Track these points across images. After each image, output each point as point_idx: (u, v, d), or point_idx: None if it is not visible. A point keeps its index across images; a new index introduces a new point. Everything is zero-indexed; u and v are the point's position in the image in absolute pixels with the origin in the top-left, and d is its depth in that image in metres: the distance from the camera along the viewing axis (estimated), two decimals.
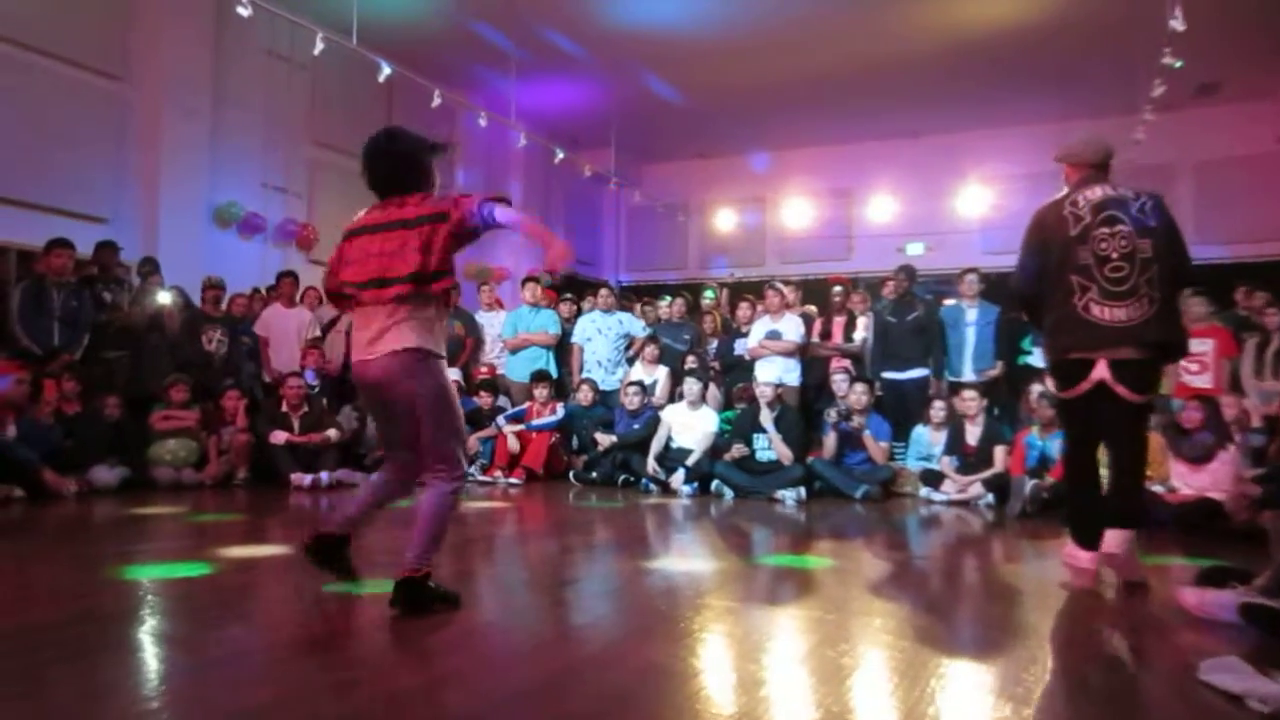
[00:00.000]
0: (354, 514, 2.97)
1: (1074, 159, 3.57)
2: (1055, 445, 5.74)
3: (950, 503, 6.13)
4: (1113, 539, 3.33)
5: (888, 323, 7.30)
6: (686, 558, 4.19)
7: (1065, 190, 3.55)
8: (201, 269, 7.57)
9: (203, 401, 6.73)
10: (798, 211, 12.74)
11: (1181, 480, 5.39)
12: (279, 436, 6.53)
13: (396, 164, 2.84)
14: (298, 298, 7.77)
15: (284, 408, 6.72)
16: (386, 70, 7.83)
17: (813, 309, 8.36)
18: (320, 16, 7.59)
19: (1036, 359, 6.74)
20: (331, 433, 6.71)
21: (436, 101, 8.44)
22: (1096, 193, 3.44)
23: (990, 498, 6.03)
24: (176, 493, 5.99)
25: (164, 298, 6.79)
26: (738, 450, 6.37)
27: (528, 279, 8.45)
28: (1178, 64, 7.05)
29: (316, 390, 7.15)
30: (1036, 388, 6.30)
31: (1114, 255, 3.32)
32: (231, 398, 6.78)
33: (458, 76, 9.84)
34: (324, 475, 6.39)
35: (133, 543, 4.17)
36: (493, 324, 8.41)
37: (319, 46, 7.23)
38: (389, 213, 2.77)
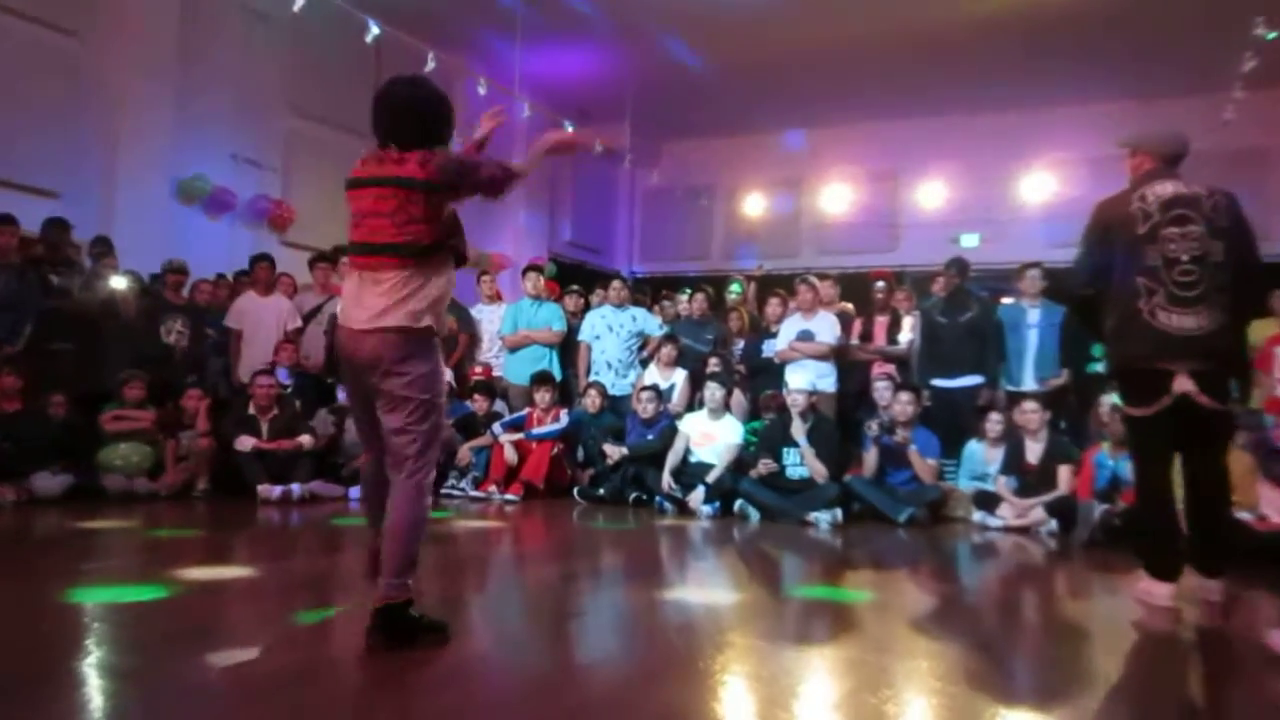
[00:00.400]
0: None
1: (1146, 148, 3.59)
2: (1129, 466, 5.67)
3: (1007, 529, 6.08)
4: (1206, 587, 3.42)
5: (937, 323, 7.25)
6: (706, 588, 4.17)
7: (1130, 183, 3.59)
8: (162, 251, 7.58)
9: (161, 401, 6.75)
10: (837, 196, 12.69)
11: (1272, 507, 5.33)
12: (246, 442, 6.54)
13: (412, 108, 2.84)
14: (273, 284, 7.77)
15: (252, 410, 6.74)
16: (375, 30, 7.85)
17: (849, 307, 8.33)
18: None
19: None
20: (304, 439, 6.72)
21: (430, 66, 8.45)
22: (1168, 188, 3.53)
23: (1053, 524, 5.97)
24: (129, 504, 6.00)
25: (119, 283, 6.80)
26: (765, 466, 6.34)
27: (529, 268, 8.45)
28: (1270, 35, 6.99)
29: (290, 391, 7.17)
30: (1107, 399, 6.23)
31: (1184, 258, 3.42)
32: (193, 397, 6.79)
33: (454, 38, 9.85)
34: (295, 487, 6.39)
35: (78, 561, 4.18)
36: (491, 319, 8.41)
37: (299, 2, 7.25)
38: (386, 167, 2.77)
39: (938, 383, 7.17)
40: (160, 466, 6.47)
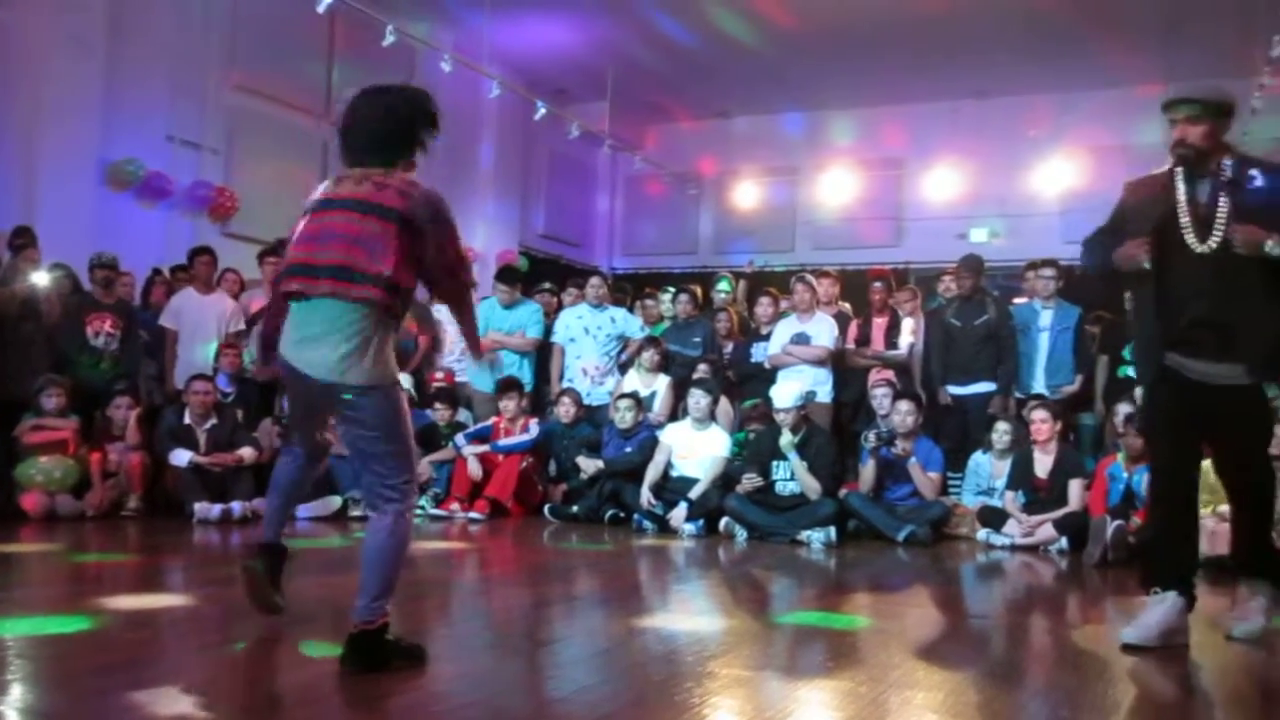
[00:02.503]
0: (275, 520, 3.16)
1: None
2: (1145, 480, 5.76)
3: (1014, 548, 6.17)
4: (1249, 606, 3.62)
5: (951, 326, 7.34)
6: (689, 614, 4.20)
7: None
8: (90, 242, 7.54)
9: (86, 410, 6.71)
10: (836, 187, 12.76)
11: None
12: (181, 456, 6.51)
13: (386, 123, 2.95)
14: (215, 280, 7.75)
15: (188, 419, 6.72)
16: None
17: (847, 307, 8.39)
18: None
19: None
20: (246, 452, 6.70)
21: (390, 39, 8.47)
22: None
23: (1063, 542, 6.06)
24: (50, 525, 5.95)
25: (41, 278, 6.77)
26: (749, 482, 6.38)
27: (498, 275, 8.45)
28: None
29: (231, 399, 7.15)
30: (1124, 408, 6.34)
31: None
32: (121, 406, 6.75)
33: (417, 8, 9.86)
34: (235, 506, 6.36)
35: None
36: (453, 319, 8.37)
37: None
38: (366, 189, 2.83)
39: (951, 389, 7.26)
40: (86, 483, 6.43)
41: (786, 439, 6.39)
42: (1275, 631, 4.03)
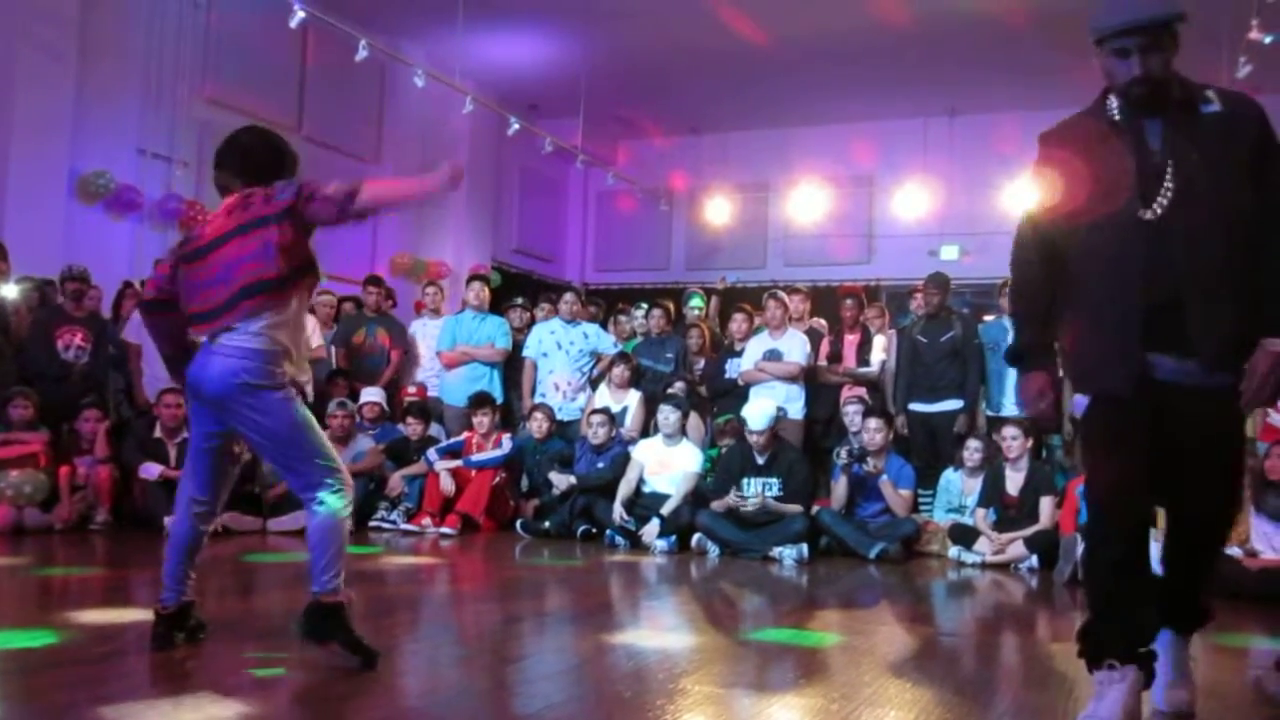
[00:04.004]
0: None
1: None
2: None
3: (985, 565, 6.20)
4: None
5: (918, 343, 7.39)
6: (660, 631, 4.20)
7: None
8: (59, 255, 7.49)
9: (55, 423, 6.64)
10: (807, 203, 12.84)
11: (1266, 543, 5.49)
12: (151, 470, 6.45)
13: (254, 151, 3.24)
14: None
15: (158, 433, 6.66)
16: (300, 14, 7.84)
17: (821, 323, 8.44)
18: None
19: None
20: None
21: (362, 54, 8.47)
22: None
23: (1034, 560, 6.10)
24: (17, 538, 5.88)
25: (10, 291, 6.71)
26: (736, 499, 6.37)
27: (473, 277, 8.46)
28: (1268, 39, 7.22)
29: None
30: None
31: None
32: (90, 419, 6.68)
33: (390, 23, 9.87)
34: None
35: None
36: (428, 334, 8.37)
37: None
38: (247, 213, 3.08)
39: (917, 407, 7.30)
40: (54, 496, 6.36)
41: (758, 456, 6.42)
42: (1238, 648, 4.07)
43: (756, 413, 6.49)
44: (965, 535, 6.43)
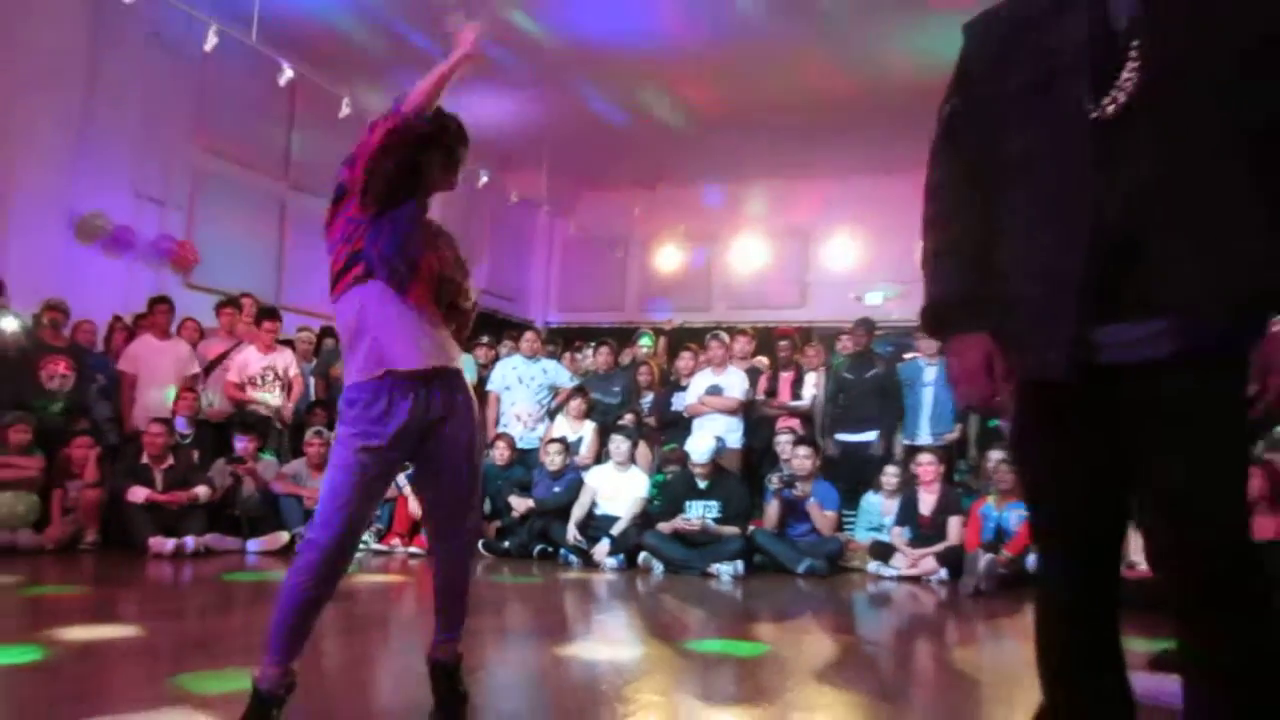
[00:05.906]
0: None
1: None
2: (1013, 517, 5.99)
3: (900, 578, 6.31)
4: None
5: (844, 379, 7.51)
6: (609, 642, 4.22)
7: None
8: (56, 290, 7.33)
9: (46, 449, 6.50)
10: (749, 252, 13.01)
11: (1142, 555, 5.64)
12: (137, 494, 6.34)
13: None
14: (173, 328, 7.59)
15: (145, 459, 6.56)
16: (289, 73, 7.85)
17: (764, 361, 8.54)
18: (216, 4, 7.55)
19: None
20: (200, 490, 6.55)
21: (345, 111, 8.48)
22: None
23: (943, 573, 6.22)
24: (9, 558, 5.76)
25: (10, 323, 6.60)
26: (685, 522, 6.41)
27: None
28: None
29: (189, 440, 7.00)
30: (996, 454, 6.55)
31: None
32: (81, 445, 6.57)
33: (371, 81, 9.88)
34: (189, 541, 6.20)
35: None
36: None
37: (212, 41, 7.21)
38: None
39: (842, 436, 7.43)
40: (45, 518, 6.23)
41: (700, 482, 6.47)
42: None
43: (699, 447, 6.62)
44: (884, 552, 6.54)
